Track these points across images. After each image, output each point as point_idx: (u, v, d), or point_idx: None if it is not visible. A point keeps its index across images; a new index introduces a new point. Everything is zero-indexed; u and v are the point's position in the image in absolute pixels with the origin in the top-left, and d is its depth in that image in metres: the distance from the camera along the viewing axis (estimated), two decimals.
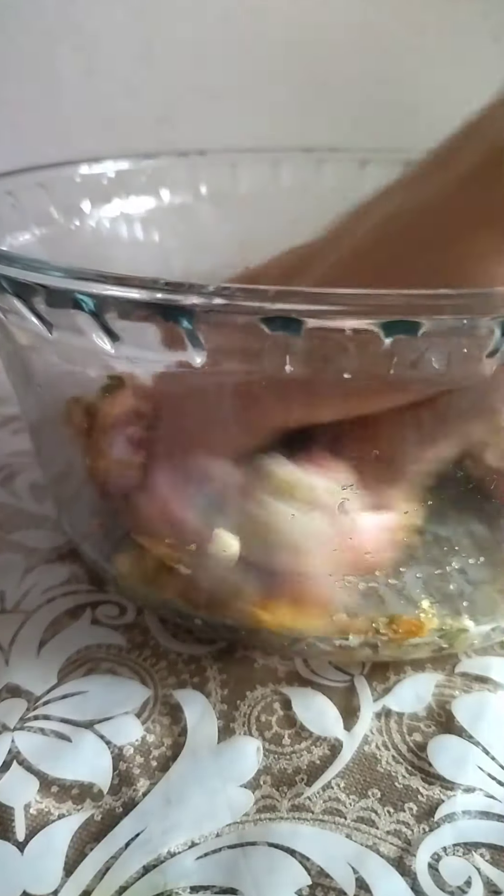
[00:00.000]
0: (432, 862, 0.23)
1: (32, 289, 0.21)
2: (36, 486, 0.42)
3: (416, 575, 0.27)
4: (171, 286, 0.19)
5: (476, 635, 0.28)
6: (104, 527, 0.32)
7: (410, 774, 0.25)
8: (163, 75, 0.61)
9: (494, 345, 0.19)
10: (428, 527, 0.26)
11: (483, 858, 0.23)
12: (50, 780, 0.25)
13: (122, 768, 0.25)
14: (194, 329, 0.19)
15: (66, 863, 0.23)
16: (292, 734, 0.27)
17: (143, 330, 0.20)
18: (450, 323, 0.18)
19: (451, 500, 0.26)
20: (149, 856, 0.23)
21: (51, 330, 0.22)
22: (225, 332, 0.19)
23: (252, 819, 0.24)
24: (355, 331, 0.18)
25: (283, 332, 0.18)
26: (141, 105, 0.62)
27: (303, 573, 0.26)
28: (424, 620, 0.26)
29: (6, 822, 0.24)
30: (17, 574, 0.34)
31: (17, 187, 0.36)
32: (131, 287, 0.19)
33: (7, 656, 0.30)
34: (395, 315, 0.18)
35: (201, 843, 0.23)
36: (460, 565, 0.27)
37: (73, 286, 0.20)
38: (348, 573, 0.26)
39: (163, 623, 0.31)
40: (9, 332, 0.26)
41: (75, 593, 0.33)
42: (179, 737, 0.27)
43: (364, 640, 0.27)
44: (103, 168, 0.42)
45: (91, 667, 0.29)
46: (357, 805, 0.24)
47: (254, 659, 0.30)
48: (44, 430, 0.33)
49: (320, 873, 0.22)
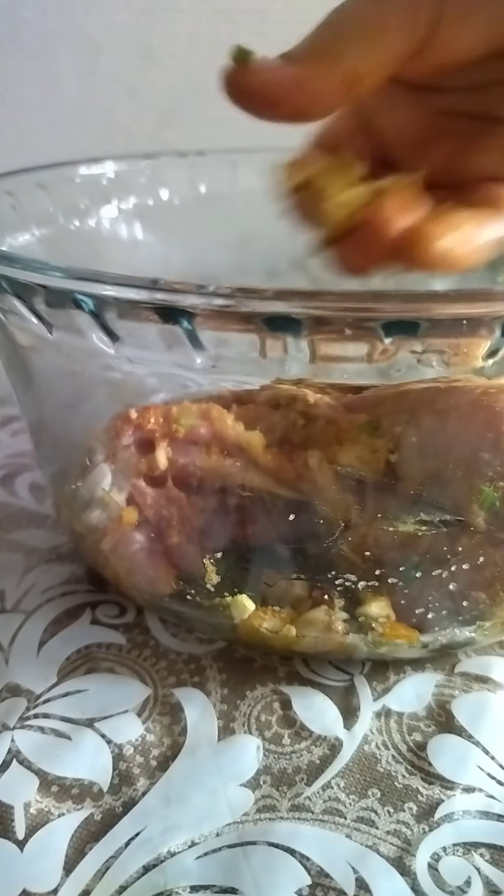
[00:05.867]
0: (432, 862, 0.23)
1: (32, 289, 0.21)
2: (35, 486, 0.42)
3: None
4: (171, 286, 0.19)
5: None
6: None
7: (410, 774, 0.25)
8: (163, 75, 0.61)
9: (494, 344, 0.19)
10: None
11: (483, 858, 0.23)
12: (50, 779, 0.25)
13: (121, 768, 0.25)
14: (194, 329, 0.19)
15: (66, 861, 0.23)
16: (292, 734, 0.27)
17: (143, 330, 0.20)
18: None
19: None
20: (149, 855, 0.23)
21: (51, 330, 0.22)
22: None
23: (252, 819, 0.24)
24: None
25: (283, 332, 0.19)
26: (141, 105, 0.62)
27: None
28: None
29: (6, 821, 0.24)
30: (17, 574, 0.34)
31: (17, 187, 0.36)
32: (131, 287, 0.19)
33: (7, 656, 0.30)
34: (395, 315, 0.18)
35: (201, 843, 0.23)
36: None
37: (73, 286, 0.20)
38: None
39: (163, 623, 0.31)
40: (9, 333, 0.26)
41: (75, 593, 0.33)
42: (179, 736, 0.27)
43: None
44: (103, 168, 0.42)
45: (91, 666, 0.29)
46: (357, 805, 0.24)
47: (254, 658, 0.30)
48: (43, 430, 0.33)
49: (320, 873, 0.22)
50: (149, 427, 0.27)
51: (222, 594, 0.27)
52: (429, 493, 0.25)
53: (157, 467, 0.27)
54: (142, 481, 0.28)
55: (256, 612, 0.27)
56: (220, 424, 0.27)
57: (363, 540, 0.26)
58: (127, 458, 0.28)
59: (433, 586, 0.26)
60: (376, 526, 0.26)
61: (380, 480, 0.26)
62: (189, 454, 0.27)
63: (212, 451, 0.26)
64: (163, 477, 0.27)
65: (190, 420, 0.27)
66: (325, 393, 0.27)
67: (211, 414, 0.27)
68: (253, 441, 0.26)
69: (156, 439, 0.27)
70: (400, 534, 0.25)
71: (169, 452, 0.27)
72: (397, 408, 0.25)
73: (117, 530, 0.28)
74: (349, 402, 0.27)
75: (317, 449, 0.26)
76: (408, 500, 0.25)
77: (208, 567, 0.27)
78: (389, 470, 0.26)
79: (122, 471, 0.28)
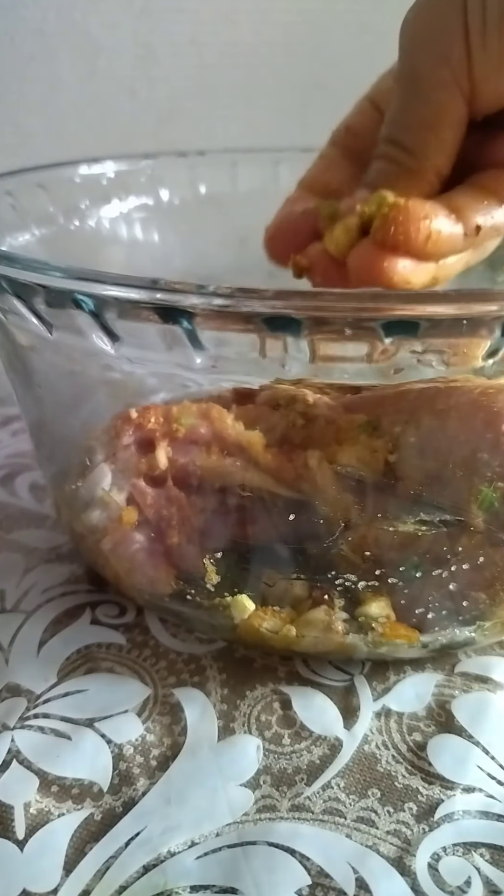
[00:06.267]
0: (432, 862, 0.23)
1: (32, 289, 0.21)
2: (35, 485, 0.42)
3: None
4: (171, 286, 0.19)
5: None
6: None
7: (410, 774, 0.25)
8: (163, 75, 0.62)
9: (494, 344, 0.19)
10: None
11: (483, 858, 0.23)
12: (50, 779, 0.25)
13: (121, 767, 0.25)
14: (194, 329, 0.19)
15: (66, 861, 0.23)
16: (292, 734, 0.27)
17: (143, 330, 0.20)
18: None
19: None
20: (149, 855, 0.23)
21: (51, 330, 0.22)
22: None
23: (252, 819, 0.24)
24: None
25: (283, 332, 0.19)
26: (141, 105, 0.62)
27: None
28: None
29: (6, 821, 0.24)
30: (17, 574, 0.34)
31: (17, 187, 0.36)
32: (131, 287, 0.19)
33: (7, 656, 0.30)
34: (395, 315, 0.18)
35: (201, 843, 0.23)
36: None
37: (73, 286, 0.20)
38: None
39: (163, 622, 0.31)
40: (9, 333, 0.26)
41: (75, 593, 0.33)
42: (179, 736, 0.27)
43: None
44: (103, 168, 0.42)
45: (91, 666, 0.29)
46: (357, 805, 0.24)
47: (254, 658, 0.30)
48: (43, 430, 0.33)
49: (320, 873, 0.22)
50: (149, 427, 0.27)
51: (222, 594, 0.27)
52: (428, 494, 0.25)
53: (158, 467, 0.27)
54: (142, 481, 0.28)
55: (256, 612, 0.27)
56: (220, 424, 0.27)
57: (363, 540, 0.26)
58: (127, 458, 0.28)
59: (433, 586, 0.26)
60: (376, 526, 0.26)
61: (379, 480, 0.26)
62: (189, 454, 0.27)
63: (212, 450, 0.26)
64: (163, 477, 0.27)
65: (190, 420, 0.27)
66: (325, 393, 0.27)
67: (211, 414, 0.27)
68: (253, 441, 0.27)
69: (156, 439, 0.27)
70: (400, 534, 0.25)
71: (169, 452, 0.27)
72: (397, 408, 0.25)
73: (117, 530, 0.28)
74: (349, 402, 0.27)
75: (317, 449, 0.26)
76: (408, 500, 0.25)
77: (208, 567, 0.27)
78: (389, 470, 0.26)
79: (122, 470, 0.28)
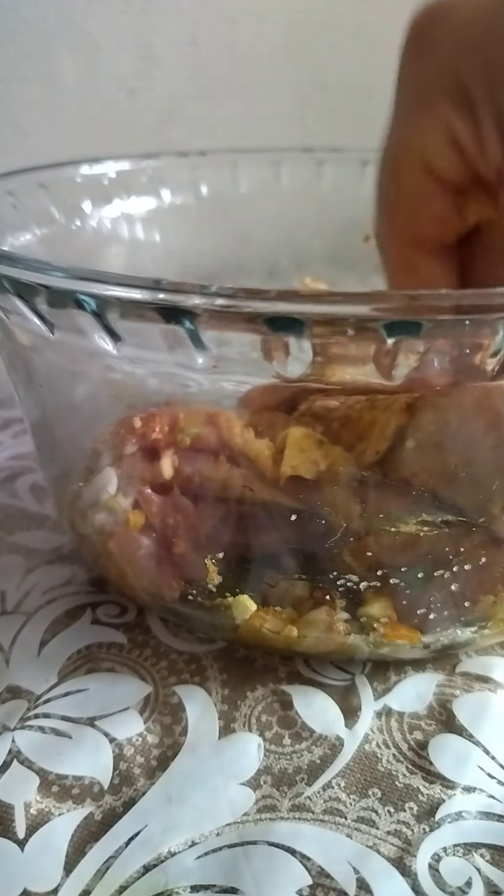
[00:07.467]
0: (433, 862, 0.23)
1: (34, 289, 0.21)
2: (37, 487, 0.42)
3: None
4: (174, 286, 0.19)
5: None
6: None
7: (411, 773, 0.25)
8: (163, 75, 0.62)
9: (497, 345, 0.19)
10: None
11: (483, 859, 0.23)
12: (50, 779, 0.25)
13: (122, 767, 0.25)
14: (196, 330, 0.19)
15: (67, 861, 0.23)
16: (293, 734, 0.27)
17: (145, 330, 0.20)
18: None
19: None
20: (149, 855, 0.23)
21: (52, 330, 0.22)
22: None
23: (252, 818, 0.24)
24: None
25: (286, 332, 0.19)
26: (141, 105, 0.62)
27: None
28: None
29: (6, 821, 0.24)
30: (18, 575, 0.34)
31: (18, 187, 0.36)
32: (133, 287, 0.19)
33: (7, 657, 0.30)
34: (398, 315, 0.18)
35: (202, 842, 0.23)
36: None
37: (75, 286, 0.20)
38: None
39: (164, 622, 0.31)
40: (10, 333, 0.26)
41: (76, 594, 0.33)
42: (180, 736, 0.27)
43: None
44: (104, 168, 0.42)
45: (92, 666, 0.29)
46: (357, 805, 0.24)
47: (254, 658, 0.30)
48: (45, 431, 0.33)
49: (321, 873, 0.22)
50: (153, 437, 0.27)
51: (224, 594, 0.27)
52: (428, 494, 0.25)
53: (163, 476, 0.27)
54: (148, 489, 0.27)
55: (258, 613, 0.27)
56: (227, 433, 0.27)
57: (365, 541, 0.26)
58: (132, 465, 0.27)
59: (435, 587, 0.26)
60: (378, 527, 0.26)
61: (382, 481, 0.26)
62: (195, 463, 0.27)
63: (219, 459, 0.26)
64: (169, 485, 0.27)
65: (195, 429, 0.27)
66: (329, 394, 0.27)
67: (219, 421, 0.27)
68: (260, 452, 0.26)
69: (160, 448, 0.27)
70: (402, 535, 0.25)
71: (175, 461, 0.27)
72: (402, 408, 0.25)
73: (123, 534, 0.28)
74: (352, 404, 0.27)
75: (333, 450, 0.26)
76: (410, 501, 0.25)
77: (210, 568, 0.27)
78: (391, 470, 0.26)
79: (127, 477, 0.28)
